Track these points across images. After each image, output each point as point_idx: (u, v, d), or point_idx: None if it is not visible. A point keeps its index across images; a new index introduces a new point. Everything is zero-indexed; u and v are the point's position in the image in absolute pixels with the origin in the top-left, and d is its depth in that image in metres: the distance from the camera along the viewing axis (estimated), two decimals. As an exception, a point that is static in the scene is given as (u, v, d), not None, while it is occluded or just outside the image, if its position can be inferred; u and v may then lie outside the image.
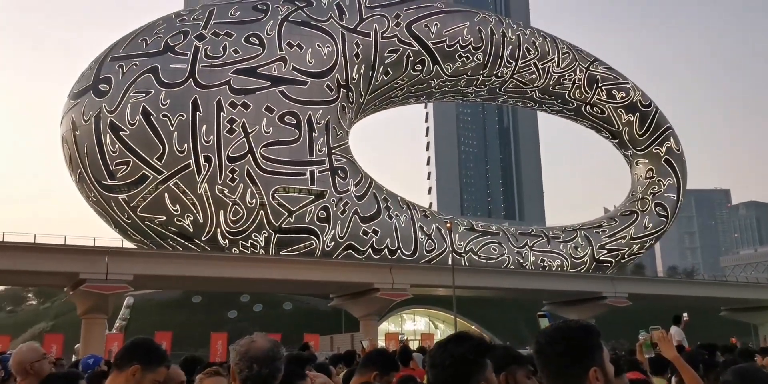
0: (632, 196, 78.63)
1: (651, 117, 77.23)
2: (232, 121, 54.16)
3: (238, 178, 53.90)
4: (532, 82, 72.72)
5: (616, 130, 78.03)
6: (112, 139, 52.32)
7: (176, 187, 52.97)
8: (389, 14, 63.65)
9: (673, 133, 78.57)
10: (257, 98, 55.38)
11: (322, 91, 58.47)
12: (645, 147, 77.97)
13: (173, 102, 53.06)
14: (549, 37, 73.54)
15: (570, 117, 79.28)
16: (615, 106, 76.05)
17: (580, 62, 74.03)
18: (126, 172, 52.57)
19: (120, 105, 52.63)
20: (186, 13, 59.61)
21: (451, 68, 67.63)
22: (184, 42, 55.34)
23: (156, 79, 53.37)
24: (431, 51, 65.30)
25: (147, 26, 57.77)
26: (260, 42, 56.98)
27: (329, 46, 59.69)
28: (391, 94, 67.53)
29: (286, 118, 56.05)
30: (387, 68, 63.50)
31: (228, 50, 55.71)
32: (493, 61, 69.49)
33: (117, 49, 55.63)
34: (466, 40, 67.08)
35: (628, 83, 76.77)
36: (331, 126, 58.33)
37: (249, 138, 54.41)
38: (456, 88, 72.03)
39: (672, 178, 77.31)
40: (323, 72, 58.87)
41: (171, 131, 52.69)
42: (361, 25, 61.95)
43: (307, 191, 56.03)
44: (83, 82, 55.12)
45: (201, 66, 54.64)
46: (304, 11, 60.35)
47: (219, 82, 54.53)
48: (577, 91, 74.59)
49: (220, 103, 54.19)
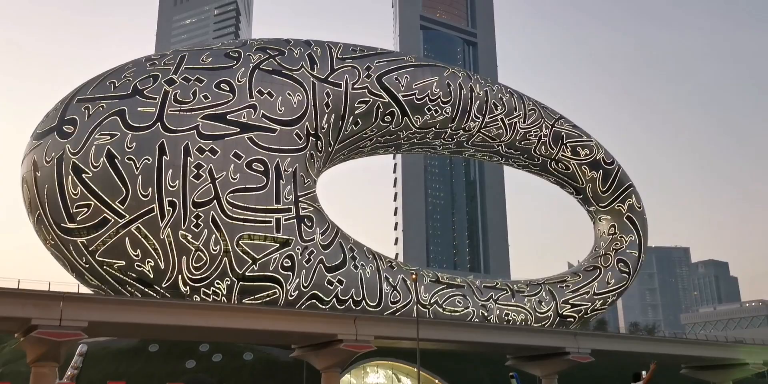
0: (595, 252, 79.29)
1: (614, 174, 78.63)
2: (199, 167, 53.67)
3: (202, 224, 53.07)
4: (499, 137, 73.78)
5: (580, 186, 79.17)
6: (74, 181, 51.32)
7: (138, 232, 51.92)
8: (360, 66, 64.46)
9: (635, 190, 79.96)
10: (226, 144, 55.11)
11: (291, 139, 58.47)
12: (608, 204, 79.12)
13: (139, 145, 52.48)
14: (516, 94, 75.03)
15: (536, 172, 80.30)
16: (579, 163, 77.31)
17: (546, 119, 75.46)
18: (86, 215, 51.43)
19: (84, 147, 51.84)
20: (157, 57, 59.63)
21: (420, 121, 68.37)
22: (154, 86, 55.15)
23: (123, 121, 52.85)
24: (401, 103, 66.05)
25: (116, 69, 57.56)
26: (231, 88, 57.06)
27: (300, 95, 60.02)
28: (360, 144, 67.85)
29: (253, 165, 55.74)
30: (357, 118, 63.95)
31: (198, 95, 55.62)
32: (461, 115, 70.47)
33: (84, 91, 55.15)
34: (435, 93, 68.08)
35: (592, 141, 78.31)
36: (299, 174, 58.14)
37: (215, 184, 53.89)
38: (424, 141, 72.70)
39: (634, 235, 78.32)
40: (293, 120, 59.00)
41: (135, 175, 51.93)
42: (332, 76, 62.55)
43: (272, 239, 55.35)
44: (47, 123, 54.34)
45: (170, 110, 54.36)
46: (275, 60, 60.82)
47: (187, 127, 54.22)
48: (543, 147, 75.77)
49: (188, 147, 53.76)
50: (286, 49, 62.54)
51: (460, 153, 79.72)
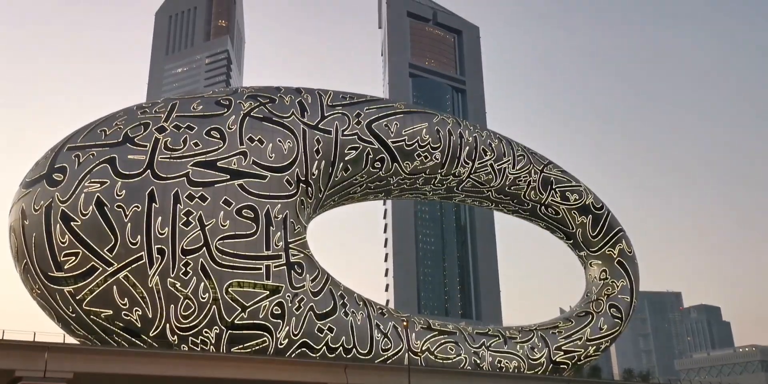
0: (587, 297, 78.86)
1: (603, 219, 78.83)
2: (188, 214, 53.46)
3: (191, 272, 52.56)
4: (489, 183, 74.13)
5: (570, 231, 79.25)
6: (62, 229, 50.94)
7: (126, 280, 51.32)
8: (350, 113, 65.04)
9: (625, 235, 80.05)
10: (215, 191, 55.03)
11: (282, 186, 58.51)
12: (598, 248, 79.08)
13: (129, 193, 52.32)
14: (504, 140, 75.70)
15: (526, 217, 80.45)
16: (569, 208, 77.57)
17: (535, 164, 76.00)
18: (74, 263, 50.87)
19: (73, 195, 51.62)
20: (148, 105, 60.01)
21: (410, 167, 68.72)
22: (145, 133, 55.33)
23: (113, 169, 52.78)
24: (391, 149, 66.47)
25: (107, 117, 57.80)
26: (221, 136, 57.31)
27: (290, 142, 60.32)
28: (351, 190, 67.96)
29: (243, 212, 55.60)
30: (347, 165, 64.20)
31: (188, 143, 55.79)
32: (451, 161, 70.91)
33: (74, 139, 55.22)
34: (425, 139, 68.61)
35: (581, 186, 78.75)
36: (289, 220, 58.00)
37: (205, 231, 53.61)
38: (415, 186, 72.94)
39: (625, 279, 78.07)
40: (283, 167, 59.13)
41: (125, 222, 51.64)
42: (322, 123, 63.03)
43: (262, 286, 54.81)
44: (37, 171, 54.19)
45: (160, 158, 54.43)
46: (266, 107, 61.32)
47: (177, 174, 54.20)
48: (532, 192, 76.11)
49: (178, 195, 53.64)
50: (276, 96, 63.12)
51: (451, 198, 79.92)
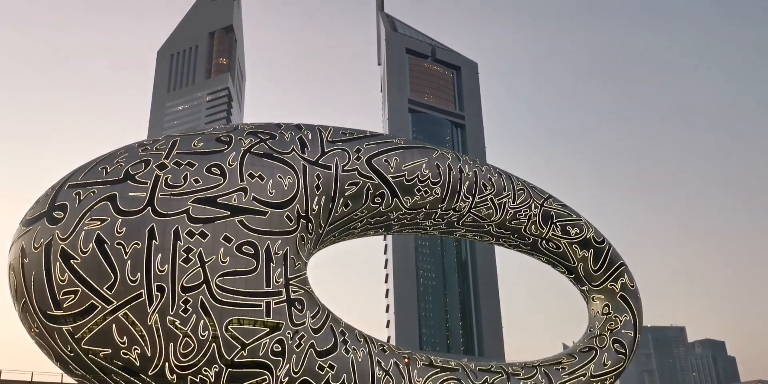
0: (590, 332, 78.15)
1: (605, 253, 78.52)
2: (188, 250, 53.37)
3: (191, 309, 52.24)
4: (489, 217, 74.09)
5: (572, 265, 78.91)
6: (62, 267, 50.81)
7: (125, 318, 50.96)
8: (350, 148, 65.36)
9: (627, 269, 79.66)
10: (215, 227, 55.02)
11: (282, 222, 58.49)
12: (600, 283, 78.62)
13: (129, 230, 52.33)
14: (504, 174, 75.89)
15: (527, 252, 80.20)
16: (570, 242, 77.35)
17: (535, 198, 76.03)
18: (73, 301, 50.58)
19: (73, 232, 51.64)
20: (149, 142, 60.33)
21: (410, 202, 68.79)
22: (145, 170, 55.56)
23: (113, 206, 52.91)
24: (390, 185, 66.61)
25: (108, 155, 58.12)
26: (222, 172, 57.52)
27: (290, 178, 60.50)
28: (351, 225, 67.91)
29: (243, 248, 55.49)
30: (347, 200, 64.28)
31: (189, 179, 55.98)
32: (451, 196, 70.99)
33: (76, 177, 55.45)
34: (425, 174, 68.79)
35: (582, 220, 78.66)
36: (290, 257, 57.84)
37: (205, 267, 53.44)
38: (415, 221, 72.90)
39: (628, 314, 77.43)
40: (283, 203, 59.21)
41: (124, 260, 51.53)
42: (322, 158, 63.29)
43: (262, 323, 54.44)
44: (37, 209, 54.28)
45: (160, 194, 54.56)
46: (266, 144, 61.66)
47: (178, 211, 54.27)
48: (533, 227, 75.99)
49: (178, 231, 53.62)
50: (277, 133, 63.50)
51: (451, 233, 79.77)
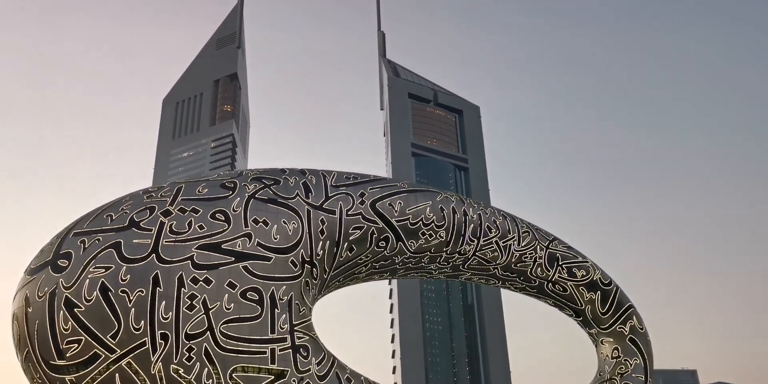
0: (600, 376, 76.85)
1: (612, 295, 77.73)
2: (192, 297, 53.02)
3: (195, 357, 51.63)
4: (495, 260, 73.66)
5: (579, 308, 78.10)
6: (66, 316, 50.47)
7: (129, 367, 50.36)
8: (354, 193, 65.46)
9: (636, 311, 78.77)
10: (220, 274, 54.76)
11: (287, 267, 58.22)
12: (609, 325, 77.67)
13: (133, 277, 52.10)
14: (509, 217, 75.74)
15: (533, 294, 79.49)
16: (576, 284, 76.72)
17: (540, 241, 75.69)
18: (77, 351, 50.10)
19: (78, 280, 51.46)
20: (154, 189, 60.57)
21: (415, 245, 68.51)
22: (150, 217, 55.62)
23: (118, 254, 52.82)
24: (395, 228, 66.47)
25: (113, 202, 58.31)
26: (226, 218, 57.53)
27: (295, 223, 60.45)
28: (356, 270, 67.56)
29: (248, 294, 55.12)
30: (351, 245, 64.07)
31: (193, 226, 55.97)
32: (456, 239, 70.71)
33: (81, 224, 55.54)
34: (429, 218, 68.70)
35: (587, 261, 78.17)
36: (294, 302, 57.40)
37: (209, 314, 53.01)
38: (420, 265, 72.50)
39: (638, 357, 76.23)
40: (288, 248, 59.02)
41: (129, 308, 51.18)
42: (326, 203, 63.34)
43: (266, 371, 53.73)
44: (42, 258, 54.21)
45: (165, 241, 54.48)
46: (271, 189, 61.80)
47: (182, 258, 54.12)
48: (539, 269, 75.48)
49: (182, 278, 53.37)
50: (281, 178, 63.71)
51: (457, 277, 79.27)
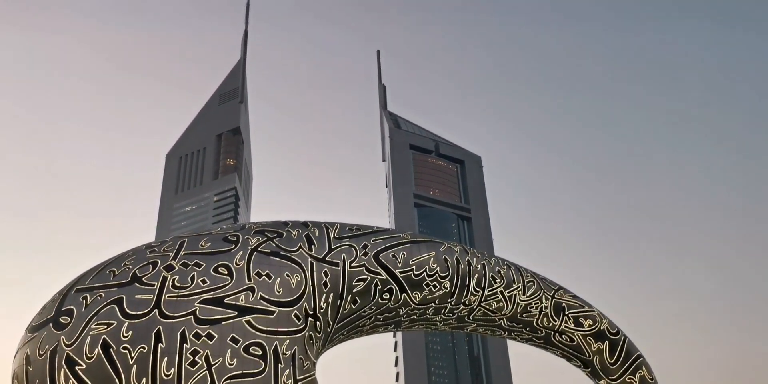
0: (612, 429, 75.21)
1: (621, 345, 76.59)
2: (195, 353, 52.27)
3: (197, 415, 50.67)
4: (500, 310, 72.93)
5: (587, 358, 76.87)
6: (66, 374, 49.67)
7: (130, 427, 49.39)
8: (357, 244, 65.31)
9: (645, 361, 77.45)
10: (222, 329, 54.12)
11: (290, 321, 57.61)
12: (618, 376, 76.18)
13: (135, 334, 51.51)
14: (513, 266, 75.31)
15: (540, 345, 78.37)
16: (583, 334, 75.71)
17: (546, 290, 75.07)
18: (77, 410, 49.22)
19: (79, 338, 50.87)
20: (157, 244, 60.47)
21: (419, 296, 67.94)
22: (153, 272, 55.36)
23: (120, 310, 52.37)
24: (399, 280, 66.05)
25: (116, 257, 58.19)
26: (229, 272, 57.25)
27: (298, 276, 60.13)
28: (360, 322, 66.84)
29: (251, 349, 54.35)
30: (355, 297, 63.57)
31: (196, 280, 55.64)
32: (460, 290, 70.16)
33: (83, 281, 55.28)
34: (433, 268, 68.33)
35: (594, 311, 77.32)
36: (298, 357, 56.56)
37: (212, 371, 52.15)
38: (424, 317, 71.75)
39: (650, 408, 74.81)
40: (291, 301, 58.53)
41: (130, 365, 50.40)
42: (329, 255, 63.12)
43: (270, 428, 52.53)
44: (44, 315, 53.74)
45: (167, 296, 54.08)
46: (274, 242, 61.70)
47: (184, 313, 53.59)
48: (545, 319, 74.63)
49: (184, 333, 52.74)
50: (284, 230, 63.68)
51: (462, 328, 78.35)
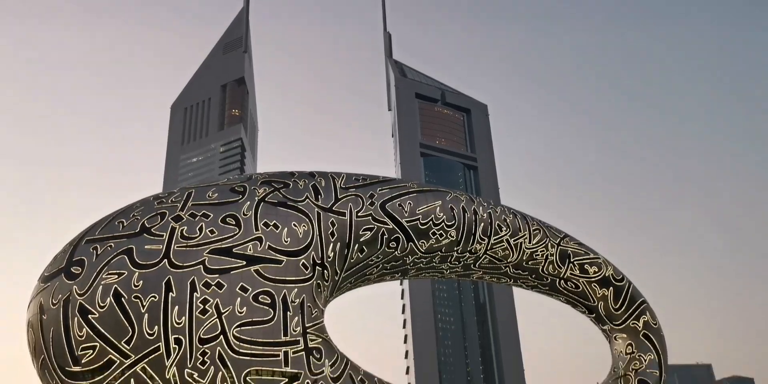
0: (614, 373, 76.61)
1: (625, 291, 77.52)
2: (205, 302, 53.29)
3: (209, 361, 51.88)
4: (506, 258, 73.60)
5: (592, 304, 77.89)
6: (80, 322, 50.87)
7: (144, 372, 50.70)
8: (364, 194, 65.57)
9: (649, 307, 78.50)
10: (231, 278, 55.00)
11: (298, 270, 58.39)
12: (622, 322, 77.44)
13: (146, 283, 52.46)
14: (519, 214, 75.62)
15: (545, 292, 79.37)
16: (588, 281, 76.53)
17: (551, 238, 75.55)
18: (92, 357, 50.52)
19: (91, 287, 51.86)
20: (165, 195, 60.88)
21: (425, 245, 68.55)
22: (161, 223, 55.96)
23: (130, 260, 53.20)
24: (405, 229, 66.54)
25: (124, 209, 58.70)
26: (237, 222, 57.77)
27: (305, 225, 60.62)
28: (367, 271, 67.66)
29: (260, 298, 55.33)
30: (362, 246, 64.17)
31: (204, 230, 56.26)
32: (467, 238, 70.68)
33: (93, 232, 55.96)
34: (439, 217, 68.71)
35: (599, 258, 77.94)
36: (307, 305, 57.54)
37: (222, 318, 53.26)
38: (431, 265, 72.51)
39: (652, 353, 75.95)
40: (299, 250, 59.21)
41: (142, 313, 51.52)
42: (336, 205, 63.49)
43: (280, 373, 53.88)
44: (55, 265, 54.66)
45: (176, 247, 54.79)
46: (280, 192, 62.01)
47: (194, 263, 54.41)
48: (550, 266, 75.36)
49: (194, 283, 53.66)
50: (290, 181, 63.90)
51: (468, 276, 79.25)
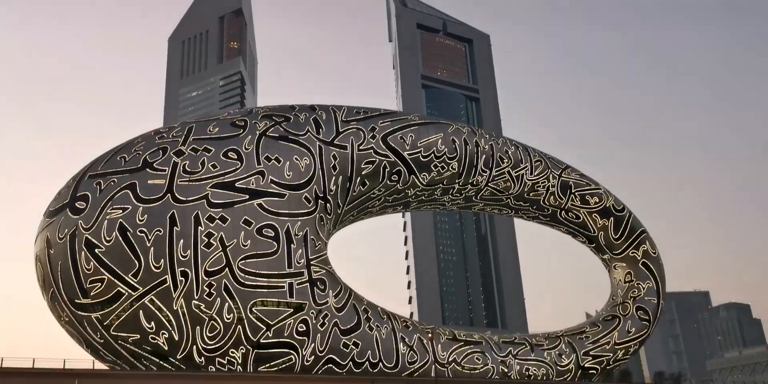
0: (613, 301, 78.17)
1: (625, 221, 78.19)
2: (209, 235, 53.94)
3: (215, 293, 53.00)
4: (507, 190, 73.97)
5: (592, 234, 78.70)
6: (87, 256, 51.67)
7: (152, 304, 51.90)
8: (365, 127, 65.34)
9: (648, 236, 79.34)
10: (235, 212, 55.50)
11: (300, 203, 58.84)
12: (621, 251, 78.41)
13: (150, 218, 52.98)
14: (521, 146, 75.53)
15: (546, 223, 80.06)
16: (589, 211, 77.11)
17: (553, 169, 75.71)
18: (100, 289, 51.60)
19: (96, 222, 52.41)
20: (165, 130, 60.71)
21: (427, 178, 68.80)
22: (163, 158, 56.04)
23: (134, 195, 53.54)
24: (407, 162, 66.62)
25: (126, 144, 58.64)
26: (238, 156, 57.84)
27: (307, 159, 60.70)
28: (369, 204, 68.13)
29: (264, 231, 55.97)
30: (364, 179, 64.43)
31: (206, 165, 56.38)
32: (468, 170, 70.86)
33: (95, 167, 56.10)
34: (441, 150, 68.70)
35: (600, 189, 78.27)
36: (310, 237, 58.25)
37: (227, 251, 54.04)
38: (433, 197, 72.94)
39: (651, 281, 77.22)
40: (301, 184, 59.50)
41: (147, 247, 52.26)
42: (337, 138, 63.39)
43: (285, 304, 55.09)
44: (60, 200, 55.08)
45: (179, 181, 55.05)
46: (281, 126, 61.80)
47: (197, 197, 54.78)
48: (552, 198, 75.78)
49: (198, 217, 54.17)
50: (291, 115, 63.59)
51: (470, 208, 79.76)
